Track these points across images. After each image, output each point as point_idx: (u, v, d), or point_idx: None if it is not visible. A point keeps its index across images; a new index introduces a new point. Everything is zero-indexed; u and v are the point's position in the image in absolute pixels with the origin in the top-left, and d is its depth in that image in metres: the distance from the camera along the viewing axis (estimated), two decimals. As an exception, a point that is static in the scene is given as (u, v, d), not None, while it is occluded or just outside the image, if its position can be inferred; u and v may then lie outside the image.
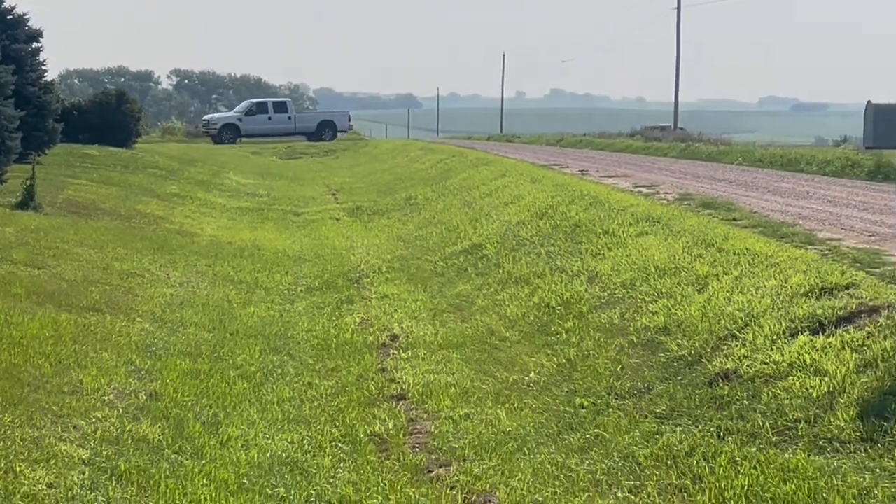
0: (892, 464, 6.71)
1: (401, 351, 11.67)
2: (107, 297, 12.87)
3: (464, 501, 7.17)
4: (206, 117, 66.56)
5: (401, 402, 9.74)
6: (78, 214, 19.77)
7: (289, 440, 8.45)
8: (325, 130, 63.06)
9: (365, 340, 12.18)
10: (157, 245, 17.72)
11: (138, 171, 30.63)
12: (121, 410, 8.63)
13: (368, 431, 8.78)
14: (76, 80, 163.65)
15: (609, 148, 44.52)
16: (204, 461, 7.68)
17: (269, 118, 62.24)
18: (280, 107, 64.00)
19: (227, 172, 37.21)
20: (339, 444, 8.42)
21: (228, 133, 60.56)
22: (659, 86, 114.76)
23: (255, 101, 67.93)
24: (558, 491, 7.27)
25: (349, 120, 66.30)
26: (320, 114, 68.34)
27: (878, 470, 6.69)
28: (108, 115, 39.23)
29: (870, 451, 6.98)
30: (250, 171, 39.71)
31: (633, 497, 7.11)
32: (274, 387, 10.10)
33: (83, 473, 7.08)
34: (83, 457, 7.39)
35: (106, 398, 8.87)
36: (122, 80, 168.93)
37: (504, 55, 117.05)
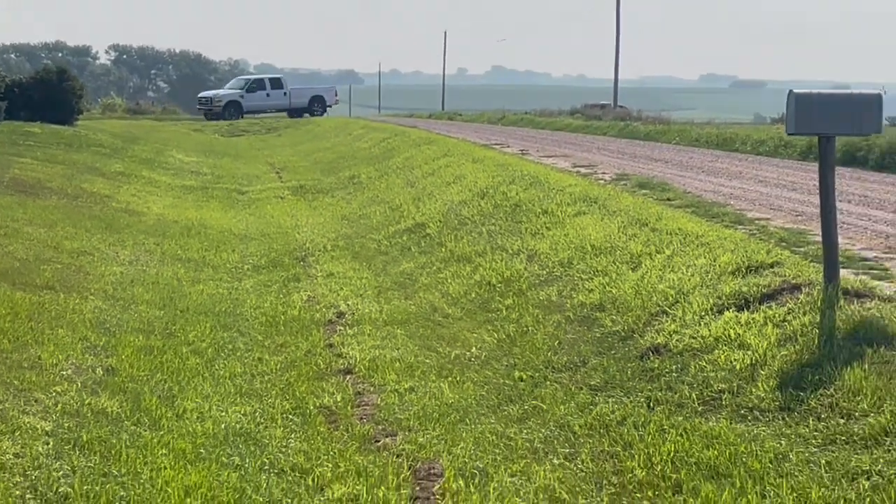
0: (807, 430, 7.22)
1: (347, 327, 12.09)
2: (59, 275, 13.17)
3: (409, 468, 7.60)
4: (205, 94, 66.39)
5: (348, 377, 10.17)
6: (25, 193, 19.98)
7: (242, 412, 8.85)
8: (315, 105, 64.36)
9: (312, 317, 12.59)
10: (105, 224, 18.01)
11: (82, 150, 30.76)
12: (79, 385, 8.98)
13: (318, 404, 9.20)
14: (13, 55, 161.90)
15: (550, 126, 45.04)
16: (162, 432, 8.07)
17: (268, 94, 63.28)
18: (276, 83, 64.92)
19: (171, 150, 37.36)
20: (290, 416, 8.83)
21: (232, 110, 61.32)
22: (600, 63, 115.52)
23: (250, 77, 68.21)
24: (498, 458, 7.73)
25: (335, 95, 67.83)
26: (311, 89, 69.37)
27: (793, 436, 7.20)
28: (50, 92, 39.18)
29: (787, 419, 7.49)
30: (193, 150, 39.86)
31: (567, 463, 7.58)
32: (225, 362, 10.49)
33: (47, 444, 7.43)
34: (46, 428, 7.75)
35: (64, 373, 9.22)
36: (60, 55, 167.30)
37: (446, 33, 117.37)
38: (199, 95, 67.73)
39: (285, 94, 64.07)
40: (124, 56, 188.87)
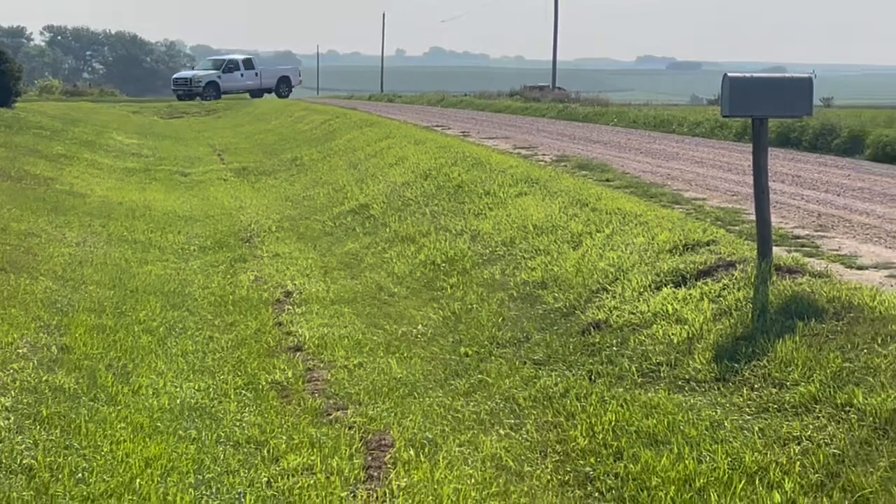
0: (741, 400, 7.57)
1: (295, 306, 12.33)
2: (8, 256, 13.28)
3: (361, 440, 7.88)
4: (183, 75, 65.98)
5: (298, 353, 10.42)
6: (-32, 176, 20.00)
7: (196, 388, 9.08)
8: (282, 86, 64.91)
9: (260, 297, 12.81)
10: (50, 206, 18.10)
11: (22, 132, 30.67)
12: (35, 362, 9.17)
13: (269, 380, 9.45)
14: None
15: (489, 108, 45.34)
16: (119, 407, 8.30)
17: (241, 74, 64.00)
18: (248, 63, 65.72)
19: (111, 132, 37.31)
20: (243, 392, 9.08)
21: (211, 90, 61.67)
22: (538, 45, 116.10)
23: (223, 58, 68.05)
24: (447, 429, 8.03)
25: (299, 75, 69.07)
26: (279, 69, 70.00)
27: (728, 405, 7.54)
28: (-12, 73, 38.89)
29: (722, 389, 7.83)
30: (133, 132, 39.81)
31: (513, 433, 7.89)
32: (177, 340, 10.71)
33: (8, 419, 7.63)
34: (6, 404, 7.94)
35: (20, 351, 9.40)
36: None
37: (384, 14, 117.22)
38: (175, 76, 67.53)
39: (256, 74, 64.75)
40: (59, 37, 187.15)
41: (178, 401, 8.63)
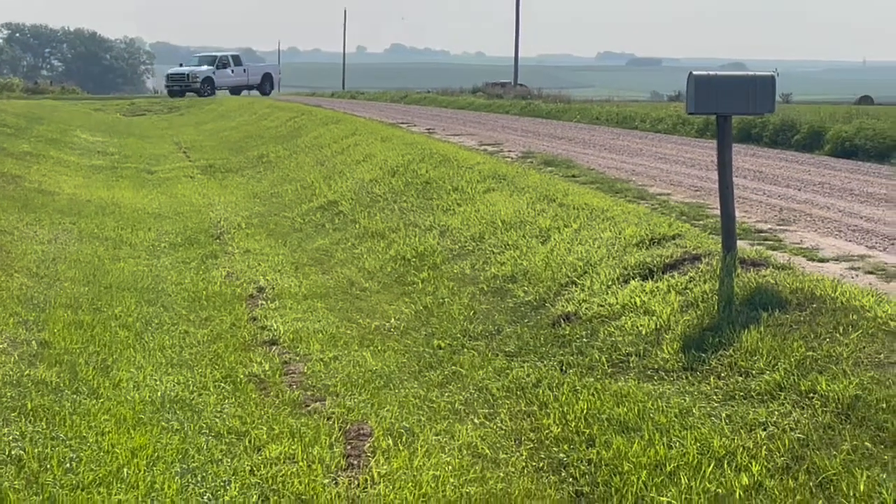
0: (708, 388, 7.82)
1: (268, 301, 12.50)
2: (-19, 254, 13.40)
3: (340, 429, 8.08)
4: (178, 71, 65.34)
5: (273, 347, 10.60)
6: (-64, 174, 20.03)
7: (175, 381, 9.25)
8: (266, 83, 65.66)
9: (233, 292, 12.98)
10: (20, 203, 18.18)
11: (-14, 130, 30.67)
12: (16, 357, 9.32)
13: (247, 373, 9.63)
14: None
15: (452, 105, 45.53)
16: (102, 400, 8.46)
17: (231, 71, 64.20)
18: (237, 60, 66.23)
19: (75, 130, 37.27)
20: (222, 385, 9.25)
21: (207, 86, 62.22)
22: (499, 41, 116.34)
23: (212, 55, 67.79)
24: (423, 419, 8.25)
25: (279, 73, 70.19)
26: (263, 66, 71.00)
27: (696, 393, 7.79)
28: (-50, 72, 38.83)
29: (690, 378, 8.08)
30: (97, 129, 39.77)
31: (488, 422, 8.12)
32: (154, 335, 10.87)
33: (-7, 412, 7.80)
34: (-11, 398, 8.10)
35: (0, 346, 9.54)
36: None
37: (345, 10, 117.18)
38: (169, 72, 67.17)
39: (244, 70, 65.27)
40: (17, 34, 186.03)
41: (158, 393, 8.81)
